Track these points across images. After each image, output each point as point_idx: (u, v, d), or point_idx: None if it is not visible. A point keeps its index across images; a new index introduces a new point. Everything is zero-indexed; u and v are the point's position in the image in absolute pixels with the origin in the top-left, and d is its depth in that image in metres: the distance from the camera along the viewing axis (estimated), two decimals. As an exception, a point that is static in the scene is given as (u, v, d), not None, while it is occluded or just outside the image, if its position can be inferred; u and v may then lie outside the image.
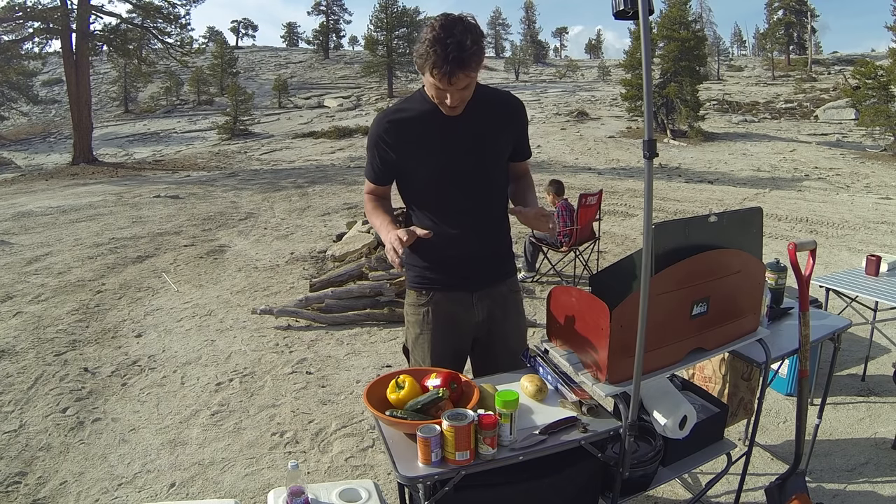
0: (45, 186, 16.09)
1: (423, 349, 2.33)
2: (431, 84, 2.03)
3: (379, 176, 2.30)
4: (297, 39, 65.71)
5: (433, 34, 1.94)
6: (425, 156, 2.18)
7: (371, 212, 2.36)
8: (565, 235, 6.67)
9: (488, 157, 2.24)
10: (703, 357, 2.23)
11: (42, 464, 3.39)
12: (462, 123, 2.15)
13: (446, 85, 2.00)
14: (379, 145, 2.21)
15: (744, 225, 2.28)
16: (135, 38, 23.96)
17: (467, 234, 2.24)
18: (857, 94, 22.64)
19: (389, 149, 2.19)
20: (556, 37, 77.17)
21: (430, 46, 1.94)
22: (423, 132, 2.16)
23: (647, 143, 1.67)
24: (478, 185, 2.24)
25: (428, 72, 1.98)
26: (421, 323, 2.32)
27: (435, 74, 1.97)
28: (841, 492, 3.04)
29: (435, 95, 2.07)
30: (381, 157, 2.22)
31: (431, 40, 1.94)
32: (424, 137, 2.16)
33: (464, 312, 2.29)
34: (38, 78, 37.19)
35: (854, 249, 8.16)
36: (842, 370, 4.33)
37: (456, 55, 1.93)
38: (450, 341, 2.33)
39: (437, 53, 1.93)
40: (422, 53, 1.97)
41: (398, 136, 2.17)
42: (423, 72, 2.02)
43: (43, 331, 5.41)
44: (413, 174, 2.23)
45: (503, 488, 1.91)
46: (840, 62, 41.99)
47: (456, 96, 2.04)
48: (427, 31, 1.98)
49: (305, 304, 5.67)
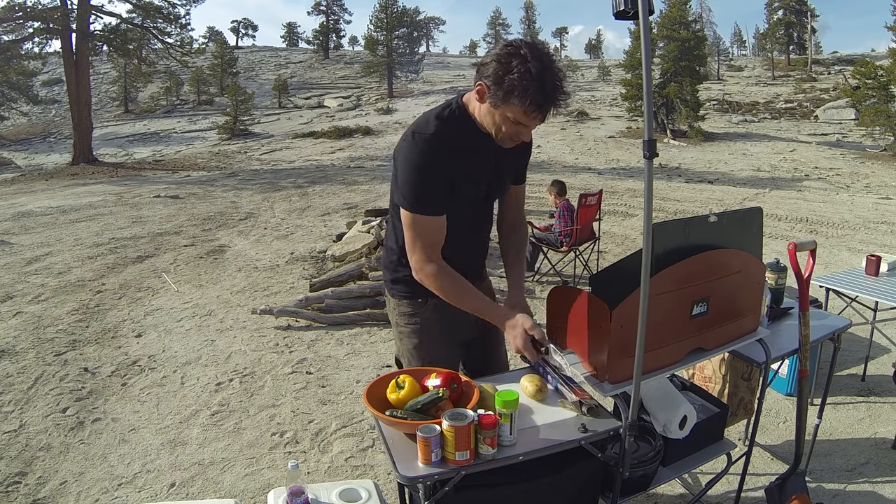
0: (45, 186, 16.09)
1: (422, 359, 2.25)
2: (510, 118, 1.88)
3: (445, 203, 2.02)
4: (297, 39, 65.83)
5: (530, 66, 1.78)
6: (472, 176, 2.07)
7: (462, 290, 2.08)
8: (565, 235, 6.67)
9: (508, 181, 2.24)
10: (703, 357, 2.23)
11: (42, 464, 3.39)
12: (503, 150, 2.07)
13: (537, 123, 1.89)
14: (442, 165, 1.97)
15: (744, 225, 2.28)
16: (135, 37, 23.96)
17: (469, 242, 2.23)
18: (857, 94, 22.64)
19: (451, 167, 1.99)
20: (556, 37, 77.16)
21: (527, 81, 1.78)
22: (476, 153, 2.04)
23: (647, 143, 1.66)
24: (493, 204, 2.26)
25: (519, 105, 1.82)
26: (419, 332, 2.25)
27: (529, 111, 1.83)
28: (841, 492, 3.04)
29: (506, 129, 1.93)
30: (446, 178, 1.99)
31: (527, 74, 1.78)
32: (477, 159, 2.05)
33: (461, 316, 2.19)
34: (38, 78, 37.18)
35: (854, 249, 8.16)
36: (842, 370, 4.33)
37: (556, 93, 1.82)
38: (449, 346, 2.29)
39: (537, 90, 1.79)
40: (512, 86, 1.80)
41: (457, 154, 1.99)
42: (502, 103, 1.85)
43: (43, 331, 5.41)
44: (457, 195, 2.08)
45: (503, 488, 1.91)
46: (840, 62, 41.99)
47: (531, 131, 1.97)
48: (514, 61, 1.80)
49: (305, 304, 5.67)
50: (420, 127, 2.00)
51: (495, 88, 1.84)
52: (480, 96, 1.92)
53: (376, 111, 32.49)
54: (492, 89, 1.86)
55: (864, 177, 16.25)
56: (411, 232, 2.01)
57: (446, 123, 1.99)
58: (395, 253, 2.21)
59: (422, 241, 2.02)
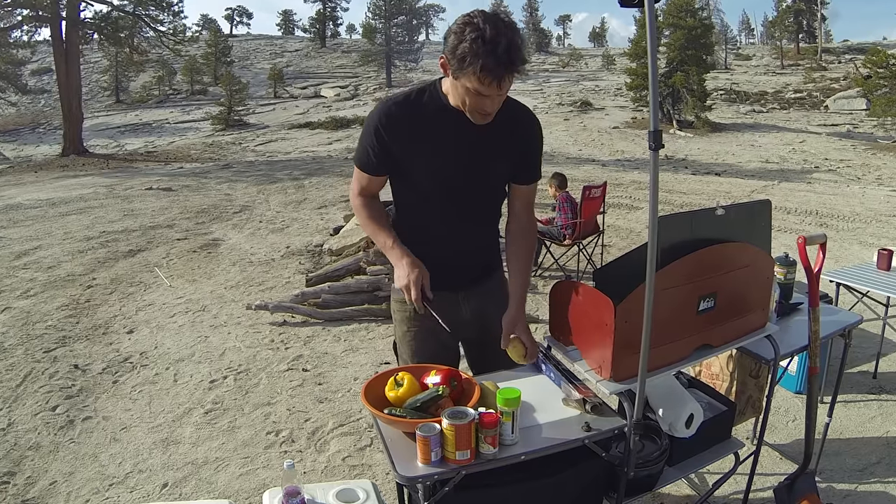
0: (35, 178, 16.06)
1: (409, 347, 2.33)
2: (470, 88, 1.89)
3: (375, 166, 2.15)
4: (293, 27, 65.42)
5: (479, 32, 1.80)
6: (432, 158, 2.10)
7: (368, 220, 2.24)
8: (568, 228, 6.67)
9: (494, 172, 2.21)
10: (709, 354, 2.22)
11: (31, 463, 3.40)
12: (478, 133, 2.06)
13: (493, 90, 1.88)
14: (380, 133, 2.06)
15: (752, 218, 2.28)
16: (126, 25, 23.86)
17: (454, 236, 2.22)
18: (868, 83, 22.61)
19: (393, 141, 2.07)
20: (559, 24, 76.90)
21: (478, 45, 1.79)
22: (437, 134, 2.07)
23: (653, 134, 1.65)
24: (477, 195, 2.22)
25: (471, 73, 1.84)
26: (408, 320, 2.31)
27: (482, 77, 1.83)
28: (852, 492, 3.04)
29: (469, 101, 1.95)
30: (381, 146, 2.08)
31: (478, 39, 1.79)
32: (437, 140, 2.07)
33: (449, 309, 2.20)
34: (26, 67, 37.05)
35: (865, 243, 8.15)
36: (853, 367, 4.33)
37: (508, 56, 1.81)
38: (436, 339, 2.28)
39: (488, 53, 1.79)
40: (464, 53, 1.82)
41: (407, 131, 2.06)
42: (460, 73, 1.87)
43: (32, 327, 5.41)
44: (412, 173, 2.15)
45: (505, 489, 1.90)
46: (851, 51, 41.89)
47: (496, 102, 1.96)
48: (468, 28, 1.83)
49: (301, 299, 5.67)
50: (391, 95, 2.16)
51: (451, 58, 1.88)
52: (444, 70, 1.97)
53: (374, 101, 32.25)
54: (450, 61, 1.89)
55: (875, 168, 16.23)
56: (353, 177, 2.25)
57: (409, 99, 2.09)
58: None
59: (357, 183, 2.24)
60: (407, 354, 2.35)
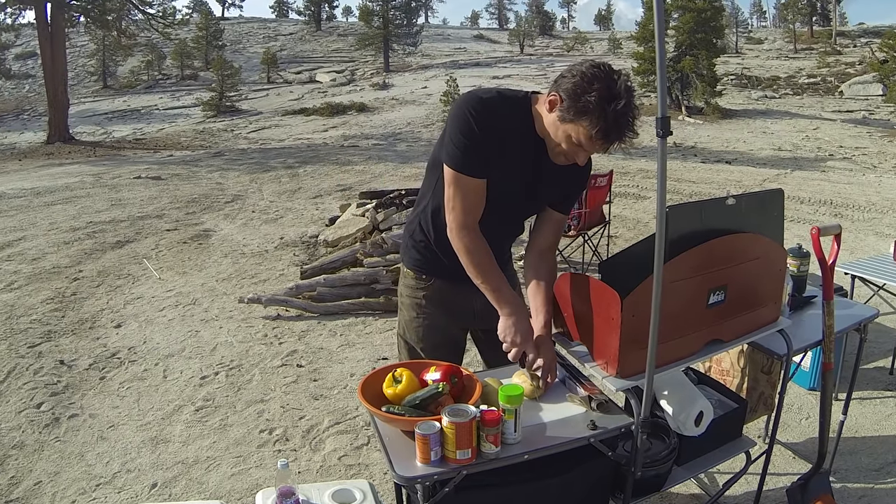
0: (19, 167, 16.04)
1: (416, 333, 2.38)
2: (573, 138, 1.93)
3: (482, 167, 2.05)
4: (288, 10, 65.20)
5: (610, 93, 1.84)
6: (505, 177, 2.10)
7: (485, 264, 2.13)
8: (573, 219, 6.65)
9: (547, 199, 2.27)
10: (720, 349, 2.22)
11: (15, 463, 3.39)
12: (551, 166, 2.12)
13: (596, 150, 1.95)
14: (481, 134, 2.00)
15: (764, 208, 2.27)
16: (114, 8, 23.76)
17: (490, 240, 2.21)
18: (884, 68, 22.56)
19: (488, 147, 2.03)
20: (563, 7, 77.01)
21: (605, 108, 1.83)
22: (520, 157, 2.09)
23: (661, 121, 1.65)
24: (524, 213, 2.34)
25: (585, 129, 1.87)
26: (418, 307, 2.36)
27: (595, 135, 1.87)
28: (868, 492, 3.04)
29: (566, 147, 1.98)
30: (485, 144, 2.02)
31: (609, 101, 1.83)
32: (518, 163, 2.11)
33: (463, 300, 2.30)
34: (10, 51, 37.00)
35: (882, 234, 8.14)
36: (868, 363, 4.33)
37: (628, 128, 1.87)
38: (445, 328, 2.38)
39: (612, 120, 1.84)
40: (588, 107, 1.85)
41: (498, 144, 2.04)
42: (575, 120, 1.89)
43: (16, 321, 5.40)
44: None
45: (507, 489, 1.90)
46: (867, 34, 41.79)
47: (587, 156, 2.03)
48: (597, 83, 1.85)
49: (296, 292, 5.66)
50: (481, 90, 2.08)
51: (569, 103, 1.89)
52: (551, 107, 1.97)
53: (371, 86, 32.31)
54: (565, 103, 1.91)
55: (892, 156, 16.19)
56: (451, 189, 2.07)
57: (507, 101, 2.07)
58: (417, 217, 2.32)
59: (462, 201, 2.07)
60: (413, 340, 2.40)
